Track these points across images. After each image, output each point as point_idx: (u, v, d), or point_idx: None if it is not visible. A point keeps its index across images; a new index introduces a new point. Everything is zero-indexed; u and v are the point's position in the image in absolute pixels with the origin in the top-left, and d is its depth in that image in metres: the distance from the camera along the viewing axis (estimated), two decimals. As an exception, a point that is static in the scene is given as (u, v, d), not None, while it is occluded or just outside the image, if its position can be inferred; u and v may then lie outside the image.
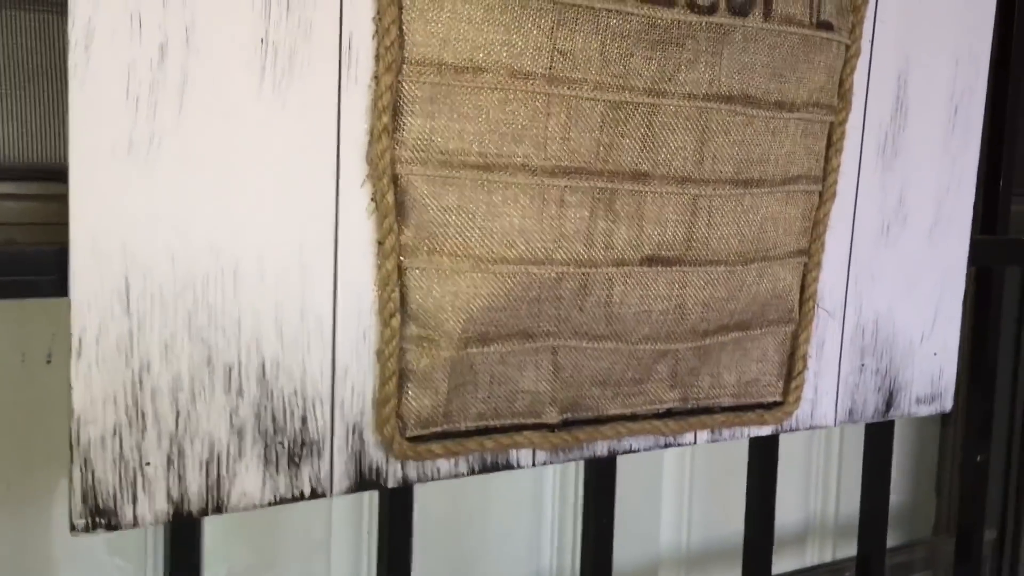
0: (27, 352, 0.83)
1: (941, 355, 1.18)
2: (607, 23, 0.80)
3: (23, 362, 0.83)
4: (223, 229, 0.71)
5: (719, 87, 0.86)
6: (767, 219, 0.94)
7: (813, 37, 0.92)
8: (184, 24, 0.67)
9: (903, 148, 1.08)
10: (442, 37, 0.75)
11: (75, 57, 0.63)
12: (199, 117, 0.68)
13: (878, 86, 1.04)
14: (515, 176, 0.79)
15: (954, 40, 1.10)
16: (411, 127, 0.76)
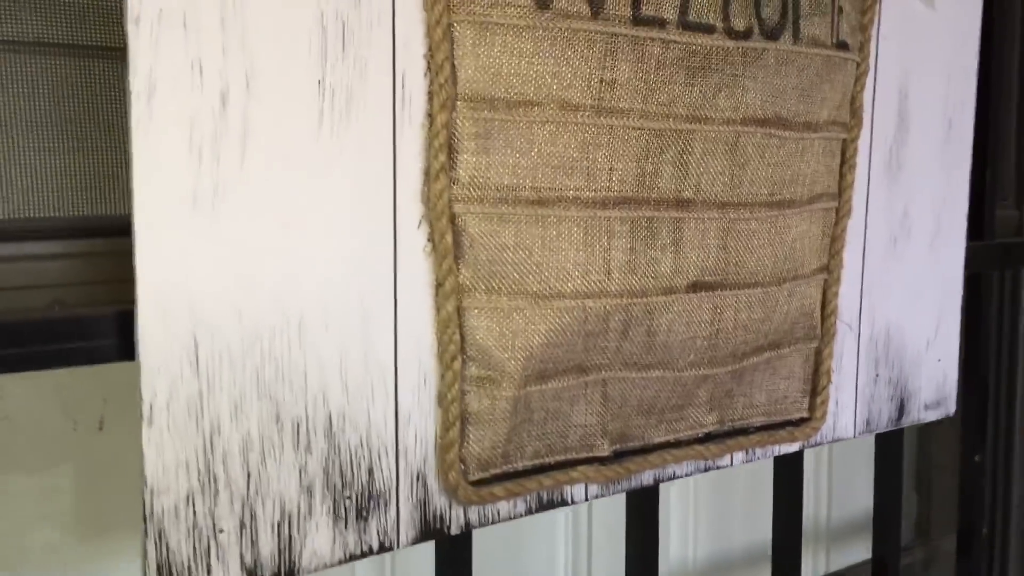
0: (79, 419, 0.78)
1: (944, 361, 1.20)
2: (651, 51, 0.79)
3: (75, 430, 0.78)
4: (287, 279, 0.68)
5: (755, 110, 0.86)
6: (797, 238, 0.95)
7: (834, 57, 0.93)
8: (244, 70, 0.64)
9: (906, 162, 1.10)
10: (493, 72, 0.74)
11: (137, 109, 0.60)
12: (261, 166, 0.66)
13: (882, 102, 1.06)
14: (568, 209, 0.78)
15: (946, 57, 1.13)
16: (466, 165, 0.74)
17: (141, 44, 0.59)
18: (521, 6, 0.74)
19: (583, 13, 0.76)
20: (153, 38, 0.60)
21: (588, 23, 0.76)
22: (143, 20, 0.59)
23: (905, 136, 1.10)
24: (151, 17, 0.60)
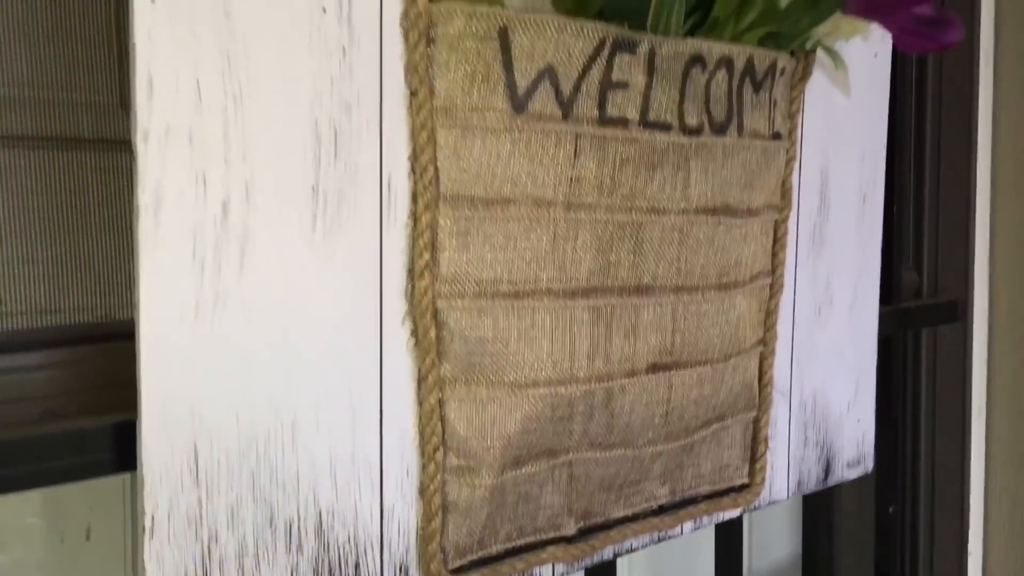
0: (66, 531, 0.76)
1: (863, 421, 1.28)
2: (615, 149, 0.84)
3: (63, 542, 0.76)
4: (282, 382, 0.69)
5: (705, 200, 0.92)
6: (740, 316, 1.00)
7: (770, 147, 1.00)
8: (245, 180, 0.65)
9: (827, 236, 1.18)
10: (473, 172, 0.77)
11: (145, 223, 0.60)
12: (259, 272, 0.66)
13: (807, 183, 1.14)
14: (541, 300, 0.81)
15: (860, 139, 1.21)
16: (448, 261, 0.77)
17: (149, 159, 0.60)
18: (499, 110, 0.77)
19: (555, 115, 0.79)
20: (161, 153, 0.60)
21: (559, 124, 0.80)
22: (151, 136, 0.60)
23: (827, 213, 1.17)
24: (159, 133, 0.60)
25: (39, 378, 0.66)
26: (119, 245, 0.85)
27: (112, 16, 0.88)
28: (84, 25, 0.87)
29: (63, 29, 0.85)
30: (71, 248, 0.80)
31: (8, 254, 0.73)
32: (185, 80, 0.61)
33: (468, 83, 0.75)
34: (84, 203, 0.80)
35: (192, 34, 0.61)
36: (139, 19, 0.59)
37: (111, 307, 0.81)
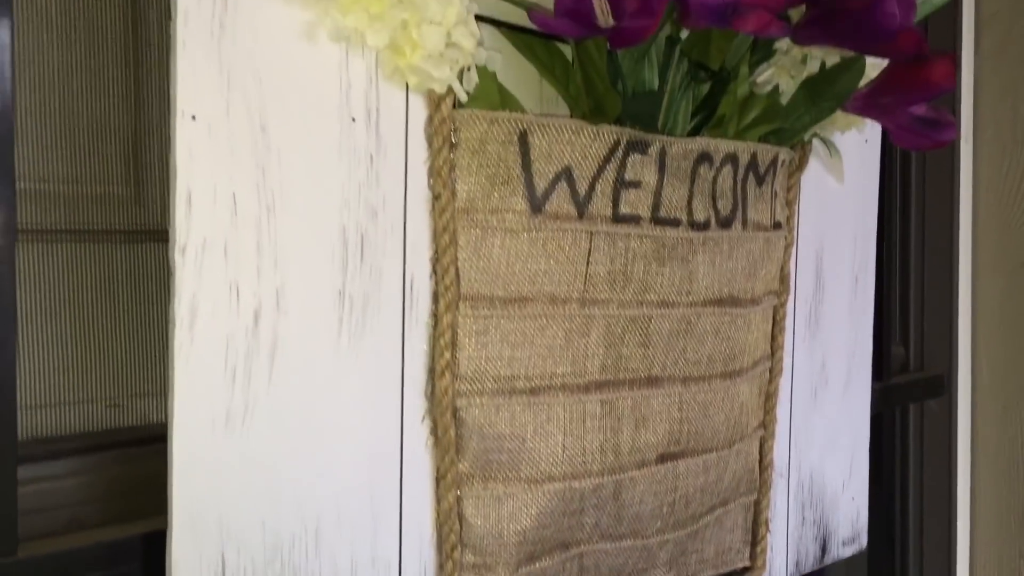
0: None
1: (857, 499, 1.30)
2: (628, 246, 0.85)
3: None
4: (307, 488, 0.69)
5: (712, 292, 0.93)
6: (744, 402, 1.02)
7: (771, 237, 1.02)
8: (275, 288, 0.66)
9: (823, 318, 1.20)
10: (492, 272, 0.78)
11: (180, 336, 0.61)
12: (287, 379, 0.67)
13: (803, 267, 1.16)
14: (556, 396, 0.82)
15: (852, 222, 1.24)
16: (467, 360, 0.77)
17: (186, 273, 0.61)
18: (518, 211, 0.78)
19: (571, 214, 0.81)
20: (197, 266, 0.61)
21: (575, 223, 0.81)
22: (189, 250, 0.61)
23: (822, 295, 1.20)
24: (196, 247, 0.61)
25: (65, 486, 0.66)
26: (140, 337, 0.85)
27: (132, 104, 0.89)
28: (101, 116, 0.88)
29: (84, 122, 0.86)
30: (92, 340, 0.81)
31: (31, 346, 0.73)
32: (222, 194, 0.62)
33: (489, 185, 0.77)
34: (103, 294, 0.80)
35: (230, 149, 0.62)
36: (180, 136, 0.60)
37: (135, 398, 0.81)
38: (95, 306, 0.85)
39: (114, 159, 0.88)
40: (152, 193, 0.89)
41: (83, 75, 0.86)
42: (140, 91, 0.89)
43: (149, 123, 0.90)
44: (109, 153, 0.88)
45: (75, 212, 0.85)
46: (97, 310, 0.85)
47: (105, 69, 0.87)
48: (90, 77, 0.86)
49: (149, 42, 0.89)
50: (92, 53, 0.87)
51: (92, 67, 0.87)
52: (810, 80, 0.94)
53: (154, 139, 0.90)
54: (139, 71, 0.89)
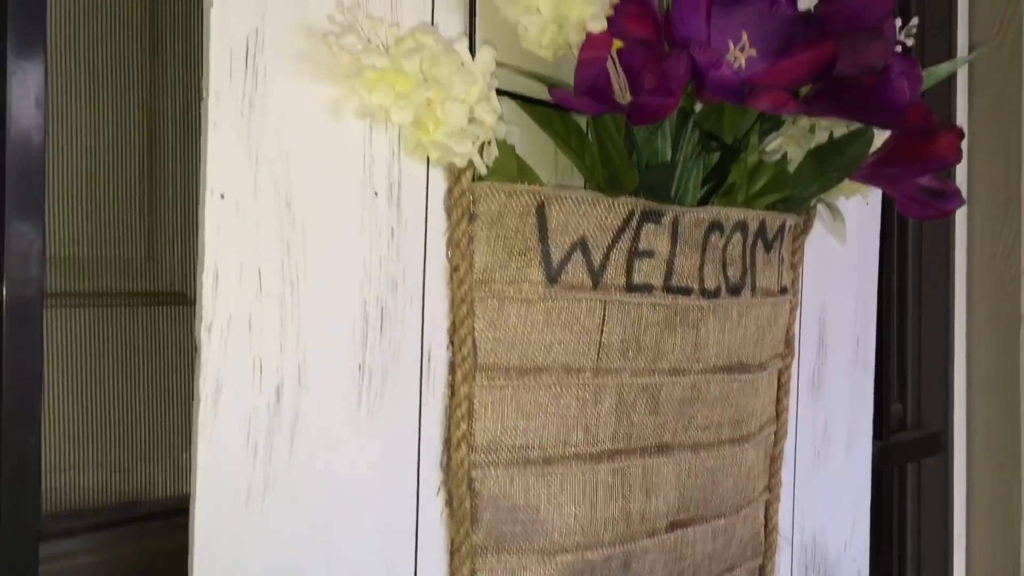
0: None
1: (858, 559, 1.30)
2: (641, 314, 0.86)
3: None
4: (324, 562, 0.68)
5: (722, 359, 0.94)
6: (751, 468, 1.02)
7: (778, 302, 1.03)
8: (297, 363, 0.66)
9: (825, 379, 1.21)
10: (508, 343, 0.78)
11: (204, 413, 0.61)
12: (307, 454, 0.67)
13: (807, 330, 1.17)
14: (569, 466, 0.82)
15: (853, 284, 1.26)
16: (482, 431, 0.77)
17: (212, 350, 0.61)
18: (534, 281, 0.79)
19: (586, 284, 0.82)
20: (222, 343, 0.61)
21: (590, 293, 0.82)
22: (215, 327, 0.61)
23: (824, 357, 1.21)
24: (222, 324, 0.61)
25: (86, 563, 0.65)
26: (151, 402, 0.85)
27: (145, 170, 0.90)
28: (118, 181, 0.88)
29: (100, 187, 0.86)
30: (102, 404, 0.80)
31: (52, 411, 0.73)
32: (248, 270, 0.62)
33: (506, 256, 0.78)
34: (113, 357, 0.80)
35: (256, 226, 0.63)
36: (209, 214, 0.60)
37: (144, 463, 0.81)
38: (104, 369, 0.85)
39: (129, 223, 0.88)
40: (166, 256, 0.89)
41: (100, 140, 0.86)
42: (154, 157, 0.90)
43: (164, 188, 0.90)
44: (124, 217, 0.88)
45: (89, 276, 0.85)
46: (106, 373, 0.85)
47: (122, 135, 0.87)
48: (107, 142, 0.87)
49: (165, 112, 0.89)
50: (110, 119, 0.87)
51: (109, 133, 0.87)
52: (818, 150, 0.95)
53: (169, 203, 0.90)
54: (153, 136, 0.90)
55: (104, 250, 0.87)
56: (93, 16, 0.85)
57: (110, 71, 0.86)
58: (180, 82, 0.89)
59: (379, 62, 0.64)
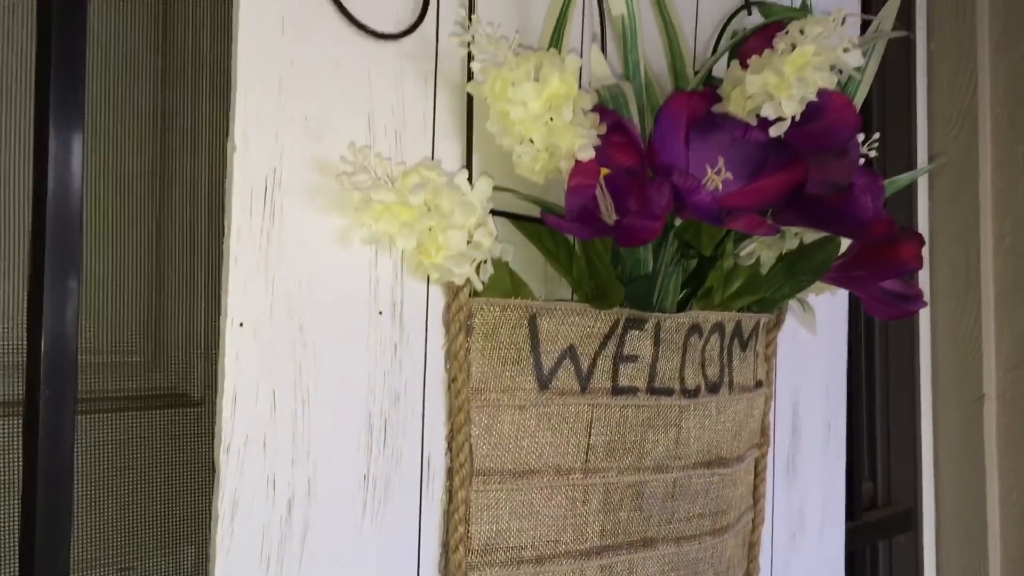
0: None
1: (834, 638, 1.33)
2: (626, 415, 0.90)
3: None
4: (330, 667, 0.71)
5: (703, 455, 0.99)
6: (731, 556, 1.06)
7: (755, 396, 1.08)
8: (307, 476, 0.70)
9: (799, 465, 1.26)
10: (503, 448, 0.82)
11: (221, 530, 0.64)
12: (315, 563, 0.70)
13: (781, 418, 1.22)
14: (560, 563, 0.86)
15: (824, 372, 1.31)
16: (479, 534, 0.81)
17: (230, 470, 0.64)
18: (527, 389, 0.83)
19: (574, 389, 0.86)
20: (239, 463, 0.65)
21: (578, 397, 0.86)
22: (232, 448, 0.65)
23: (798, 443, 1.26)
24: (239, 444, 0.65)
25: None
26: (154, 501, 0.88)
27: (153, 272, 0.94)
28: (124, 284, 0.92)
29: (107, 290, 0.90)
30: (106, 504, 0.83)
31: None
32: (263, 392, 0.66)
33: (500, 366, 0.82)
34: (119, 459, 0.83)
35: (272, 350, 0.67)
36: (229, 342, 0.64)
37: (147, 562, 0.83)
38: (110, 470, 0.88)
39: (135, 326, 0.92)
40: (169, 358, 0.93)
41: (107, 246, 0.90)
42: (162, 259, 0.94)
43: (170, 288, 0.94)
44: (130, 321, 0.92)
45: (94, 380, 0.89)
46: (111, 474, 0.88)
47: (129, 240, 0.92)
48: (114, 248, 0.91)
49: (172, 218, 0.94)
50: (117, 223, 0.91)
51: (117, 239, 0.91)
52: (789, 255, 1.01)
53: (174, 304, 0.94)
54: (161, 241, 0.94)
55: (111, 356, 0.90)
56: (100, 123, 0.90)
57: (116, 185, 0.91)
58: (187, 195, 0.94)
59: (387, 197, 0.69)
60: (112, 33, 0.90)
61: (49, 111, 0.64)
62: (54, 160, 0.64)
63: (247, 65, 0.66)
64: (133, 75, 0.91)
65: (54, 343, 0.64)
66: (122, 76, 0.90)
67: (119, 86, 0.90)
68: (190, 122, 0.94)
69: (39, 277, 0.63)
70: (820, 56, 0.78)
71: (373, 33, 0.73)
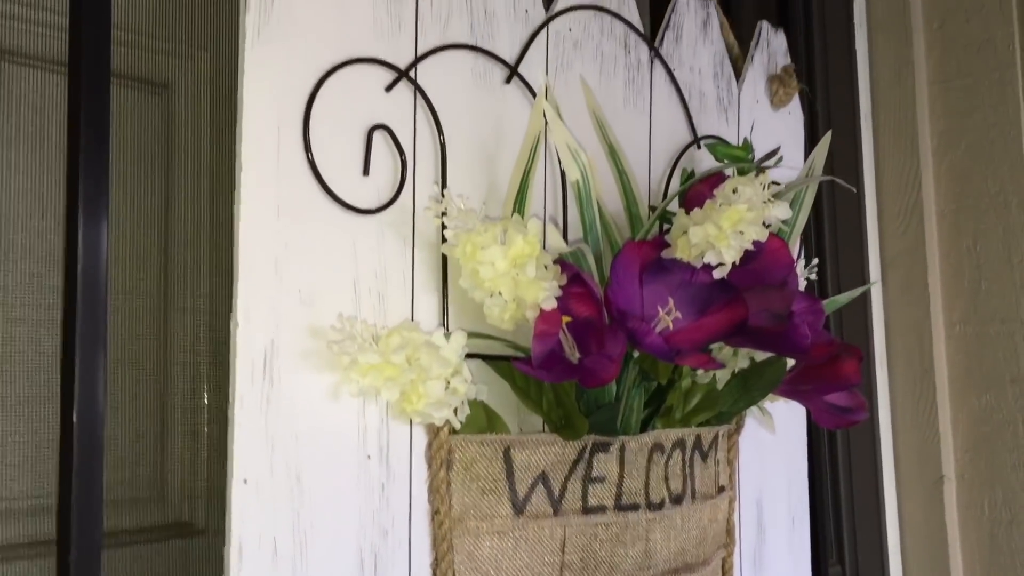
0: None
1: None
2: (596, 532, 0.98)
3: None
4: None
5: (669, 563, 1.06)
6: (701, 656, 1.13)
7: (718, 501, 1.16)
8: (307, 612, 0.77)
9: (766, 560, 1.34)
10: (484, 571, 0.90)
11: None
12: None
13: (746, 517, 1.30)
14: (539, 675, 0.93)
15: (786, 467, 1.40)
16: (463, 652, 0.89)
17: None
18: (503, 515, 0.91)
19: (547, 512, 0.94)
20: None
21: (551, 520, 0.95)
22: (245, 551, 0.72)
23: (763, 539, 1.34)
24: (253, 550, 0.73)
25: None
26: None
27: (159, 411, 1.02)
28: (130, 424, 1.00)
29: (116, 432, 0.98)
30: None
31: None
32: (266, 540, 0.74)
33: (479, 496, 0.90)
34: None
35: (273, 501, 0.75)
36: (235, 499, 0.72)
37: None
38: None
39: (142, 465, 1.00)
40: (175, 492, 1.01)
41: (116, 394, 0.98)
42: (166, 402, 1.02)
43: (174, 426, 1.02)
44: (136, 459, 1.00)
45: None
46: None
47: (136, 382, 1.00)
48: (123, 396, 0.99)
49: (175, 360, 1.02)
50: (124, 368, 1.00)
51: (124, 384, 1.00)
52: (742, 373, 1.11)
53: (179, 440, 1.02)
54: (166, 383, 1.02)
55: (117, 494, 0.98)
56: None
57: (120, 346, 0.99)
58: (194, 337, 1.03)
59: (373, 359, 0.78)
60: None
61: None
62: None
63: (247, 251, 0.75)
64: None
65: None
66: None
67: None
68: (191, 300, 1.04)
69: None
70: (752, 212, 0.88)
71: (358, 210, 0.83)
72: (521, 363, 0.87)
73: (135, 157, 1.02)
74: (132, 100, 1.02)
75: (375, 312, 0.84)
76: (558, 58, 1.04)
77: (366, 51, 0.84)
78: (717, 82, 1.29)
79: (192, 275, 1.05)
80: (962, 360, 1.81)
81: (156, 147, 1.03)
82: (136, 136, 1.02)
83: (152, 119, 1.03)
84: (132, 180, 1.02)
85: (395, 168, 0.86)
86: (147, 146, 1.03)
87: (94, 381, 0.72)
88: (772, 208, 0.90)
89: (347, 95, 0.83)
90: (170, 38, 1.05)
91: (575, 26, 1.07)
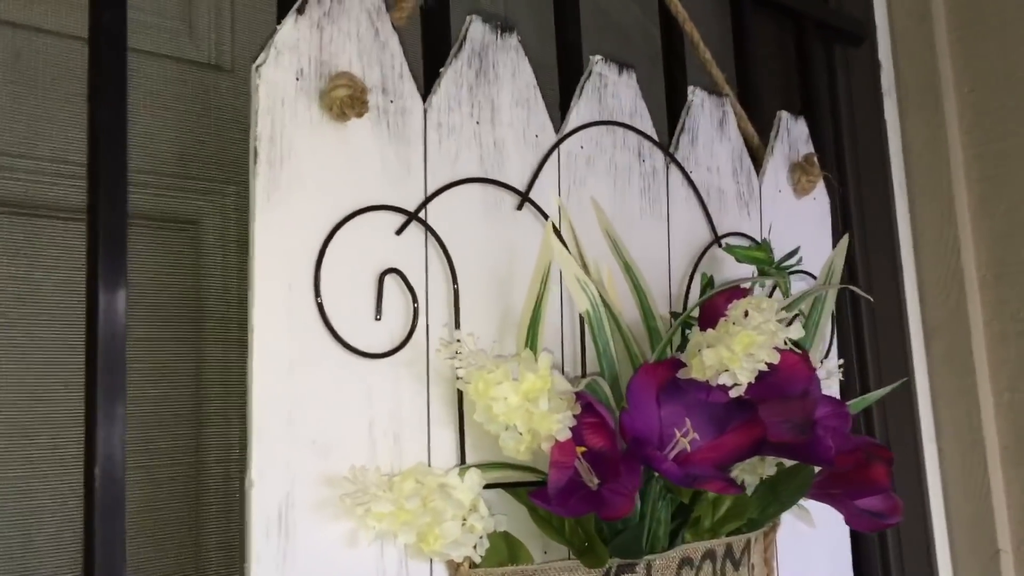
0: None
1: None
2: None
3: None
4: None
5: None
6: None
7: (752, 607, 1.15)
8: None
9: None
10: None
11: None
12: None
13: (787, 613, 1.28)
14: None
15: (828, 559, 1.37)
16: None
17: None
18: (528, 645, 0.92)
19: (574, 637, 0.94)
20: None
21: (578, 644, 0.95)
22: None
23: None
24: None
25: None
26: None
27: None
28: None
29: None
30: None
31: None
32: None
33: (502, 627, 0.91)
34: None
35: (292, 656, 0.76)
36: (255, 657, 0.74)
37: None
38: None
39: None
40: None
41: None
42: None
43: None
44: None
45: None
46: None
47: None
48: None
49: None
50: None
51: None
52: (770, 479, 1.10)
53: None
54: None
55: None
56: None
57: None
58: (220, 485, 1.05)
59: (387, 508, 0.79)
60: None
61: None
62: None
63: (260, 408, 0.77)
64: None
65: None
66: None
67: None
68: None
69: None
70: (763, 337, 0.88)
71: (371, 355, 0.85)
72: (537, 497, 0.88)
73: (165, 297, 1.05)
74: (161, 239, 1.05)
75: (391, 453, 0.86)
76: (570, 176, 1.06)
77: (376, 198, 0.87)
78: (736, 178, 1.29)
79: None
80: (1011, 429, 1.77)
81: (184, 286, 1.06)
82: (164, 276, 1.06)
83: (181, 256, 1.07)
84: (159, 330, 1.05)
85: (407, 308, 0.88)
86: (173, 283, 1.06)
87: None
88: (784, 332, 0.90)
89: (357, 243, 0.85)
90: (196, 175, 1.09)
91: (587, 143, 1.08)
